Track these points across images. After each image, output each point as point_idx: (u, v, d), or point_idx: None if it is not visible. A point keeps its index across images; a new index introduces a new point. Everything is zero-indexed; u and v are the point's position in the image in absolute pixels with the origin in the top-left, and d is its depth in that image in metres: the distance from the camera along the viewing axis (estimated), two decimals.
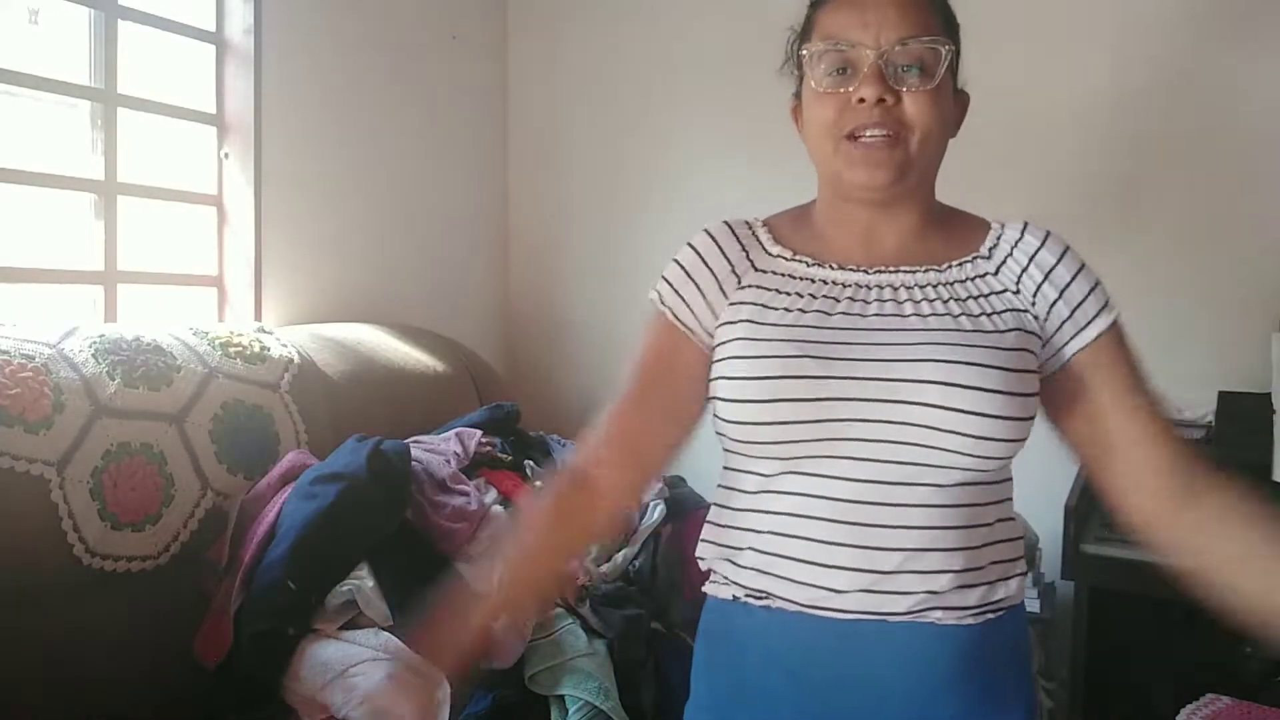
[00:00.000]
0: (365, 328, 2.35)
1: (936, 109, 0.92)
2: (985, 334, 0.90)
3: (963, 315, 0.92)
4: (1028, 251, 0.97)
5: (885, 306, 0.93)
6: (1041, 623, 2.02)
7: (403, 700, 1.09)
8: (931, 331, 0.90)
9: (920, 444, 0.87)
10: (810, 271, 0.98)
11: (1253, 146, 2.14)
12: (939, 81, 0.92)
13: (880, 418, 0.87)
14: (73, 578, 1.53)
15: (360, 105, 2.58)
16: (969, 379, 0.87)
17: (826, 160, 0.96)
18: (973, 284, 0.96)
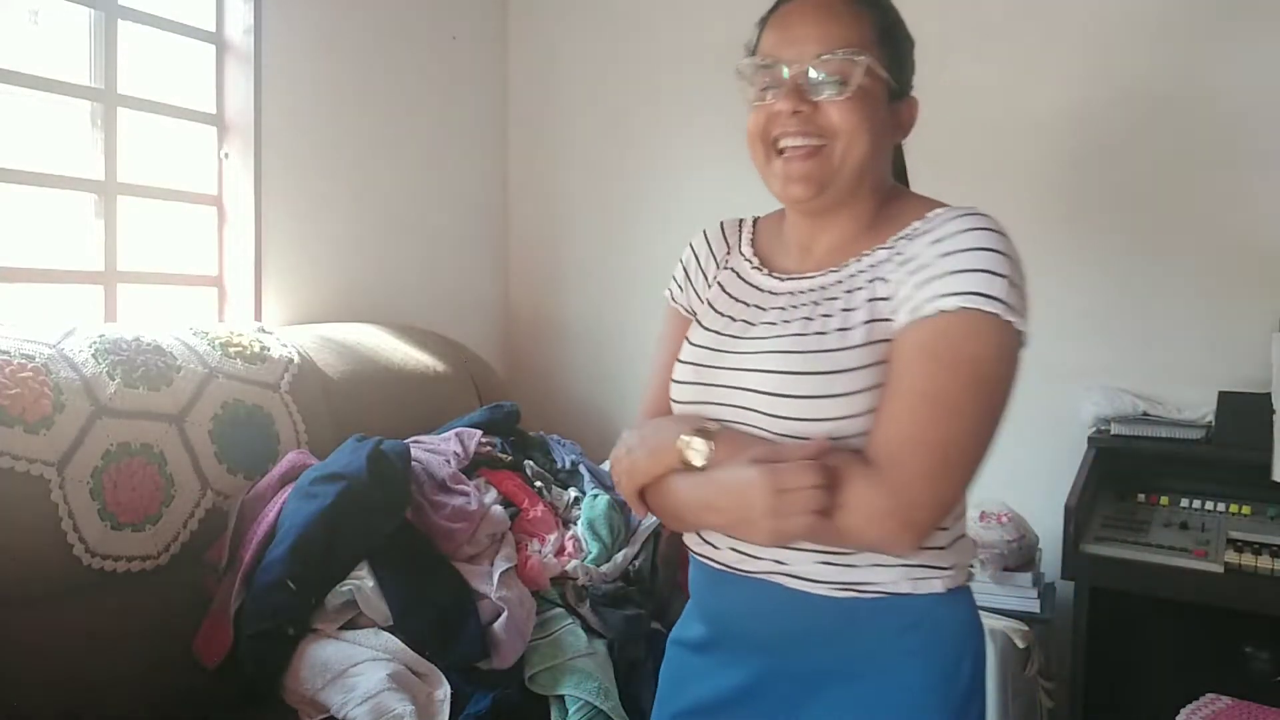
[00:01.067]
0: (365, 328, 2.35)
1: (856, 115, 0.96)
2: (816, 336, 0.96)
3: (819, 317, 0.97)
4: (923, 237, 0.95)
5: (769, 314, 1.03)
6: (1041, 623, 2.02)
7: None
8: (771, 340, 0.99)
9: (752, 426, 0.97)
10: (750, 276, 1.09)
11: (1253, 146, 2.14)
12: (854, 90, 0.96)
13: (726, 401, 1.00)
14: (73, 578, 1.53)
15: (360, 105, 2.58)
16: (786, 388, 0.94)
17: (762, 171, 1.03)
18: (855, 278, 0.99)
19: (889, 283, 0.95)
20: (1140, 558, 1.88)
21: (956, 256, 0.91)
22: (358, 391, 2.11)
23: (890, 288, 0.94)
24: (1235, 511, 1.99)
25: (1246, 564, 1.79)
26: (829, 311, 0.97)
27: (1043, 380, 2.35)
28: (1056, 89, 2.34)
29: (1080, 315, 2.32)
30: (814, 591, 0.97)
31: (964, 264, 0.90)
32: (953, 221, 0.94)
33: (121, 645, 1.56)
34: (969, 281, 0.89)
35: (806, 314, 0.99)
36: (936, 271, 0.91)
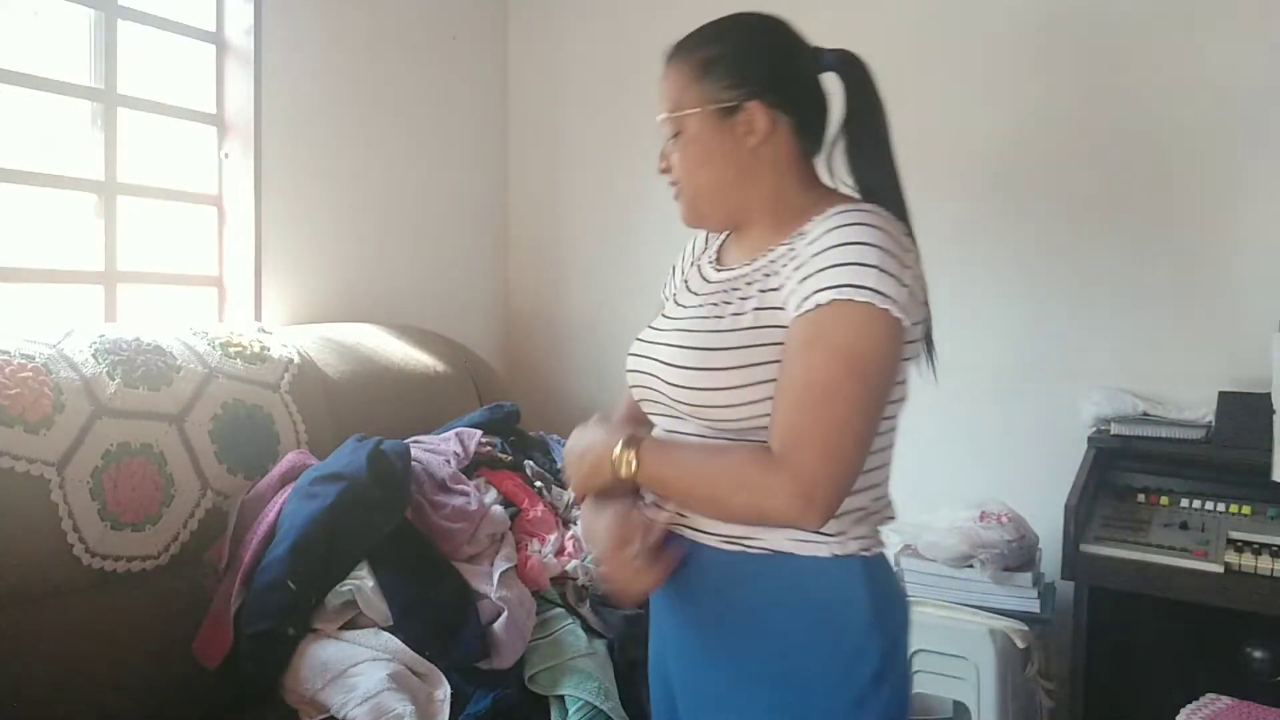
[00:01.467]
0: (365, 328, 2.36)
1: (685, 160, 1.13)
2: (712, 319, 1.07)
3: (721, 304, 1.09)
4: (811, 234, 1.03)
5: (689, 299, 1.16)
6: (1041, 623, 2.02)
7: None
8: (681, 321, 1.12)
9: (658, 400, 1.11)
10: (705, 270, 1.20)
11: (1253, 145, 2.14)
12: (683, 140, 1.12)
13: (642, 382, 1.14)
14: (73, 578, 1.53)
15: (360, 105, 2.58)
16: (671, 358, 1.08)
17: None
18: (756, 269, 1.09)
19: (779, 276, 1.04)
20: (1140, 558, 1.88)
21: (827, 253, 0.99)
22: (358, 391, 2.11)
23: (779, 280, 1.04)
24: (1235, 511, 1.99)
25: (1246, 564, 1.79)
26: (730, 300, 1.08)
27: (1043, 380, 2.35)
28: (1055, 87, 2.34)
29: (1080, 315, 2.32)
30: (706, 543, 1.07)
31: (834, 259, 0.98)
32: (829, 219, 1.02)
33: (121, 645, 1.56)
34: (839, 275, 0.97)
35: (714, 301, 1.10)
36: (811, 269, 1.00)
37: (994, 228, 2.40)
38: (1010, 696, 1.97)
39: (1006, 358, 2.39)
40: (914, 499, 2.34)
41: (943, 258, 2.57)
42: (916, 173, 2.55)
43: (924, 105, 2.45)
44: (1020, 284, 2.38)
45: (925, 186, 2.45)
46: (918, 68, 2.45)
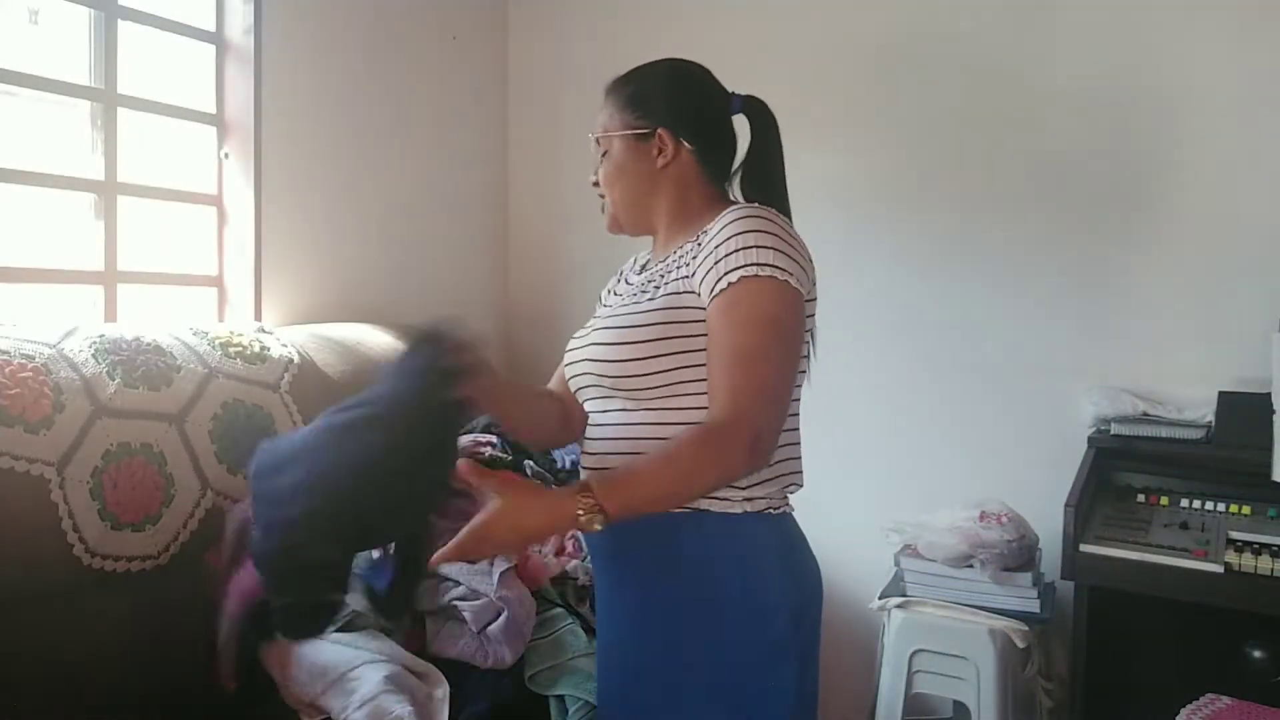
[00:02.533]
0: (365, 328, 2.35)
1: (609, 175, 1.36)
2: (636, 302, 1.25)
3: (640, 291, 1.27)
4: (712, 230, 1.21)
5: (615, 300, 1.36)
6: (1041, 623, 2.02)
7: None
8: (608, 316, 1.28)
9: (588, 374, 1.27)
10: (628, 278, 1.40)
11: (1253, 146, 2.14)
12: (608, 158, 1.36)
13: (582, 371, 1.29)
14: (73, 578, 1.53)
15: (360, 105, 2.58)
16: (608, 338, 1.23)
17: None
18: (668, 264, 1.27)
19: (689, 265, 1.22)
20: (1140, 558, 1.88)
21: (730, 240, 1.17)
22: (357, 391, 2.09)
23: (689, 270, 1.21)
24: (1235, 511, 1.99)
25: (1246, 564, 1.79)
26: (648, 291, 1.26)
27: (1043, 380, 2.35)
28: (1049, 86, 2.34)
29: (1080, 315, 2.32)
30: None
31: (737, 244, 1.16)
32: (725, 216, 1.21)
33: (121, 645, 1.56)
34: (744, 256, 1.15)
35: (635, 296, 1.28)
36: (718, 256, 1.17)
37: (994, 227, 2.40)
38: (1010, 696, 1.97)
39: (1006, 358, 2.39)
40: (914, 499, 2.36)
41: (942, 257, 2.59)
42: (917, 171, 2.55)
43: (923, 103, 2.46)
44: (1020, 284, 2.38)
45: (925, 185, 2.46)
46: (916, 61, 2.45)
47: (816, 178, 2.45)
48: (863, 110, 2.54)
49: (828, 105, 2.55)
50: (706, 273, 1.18)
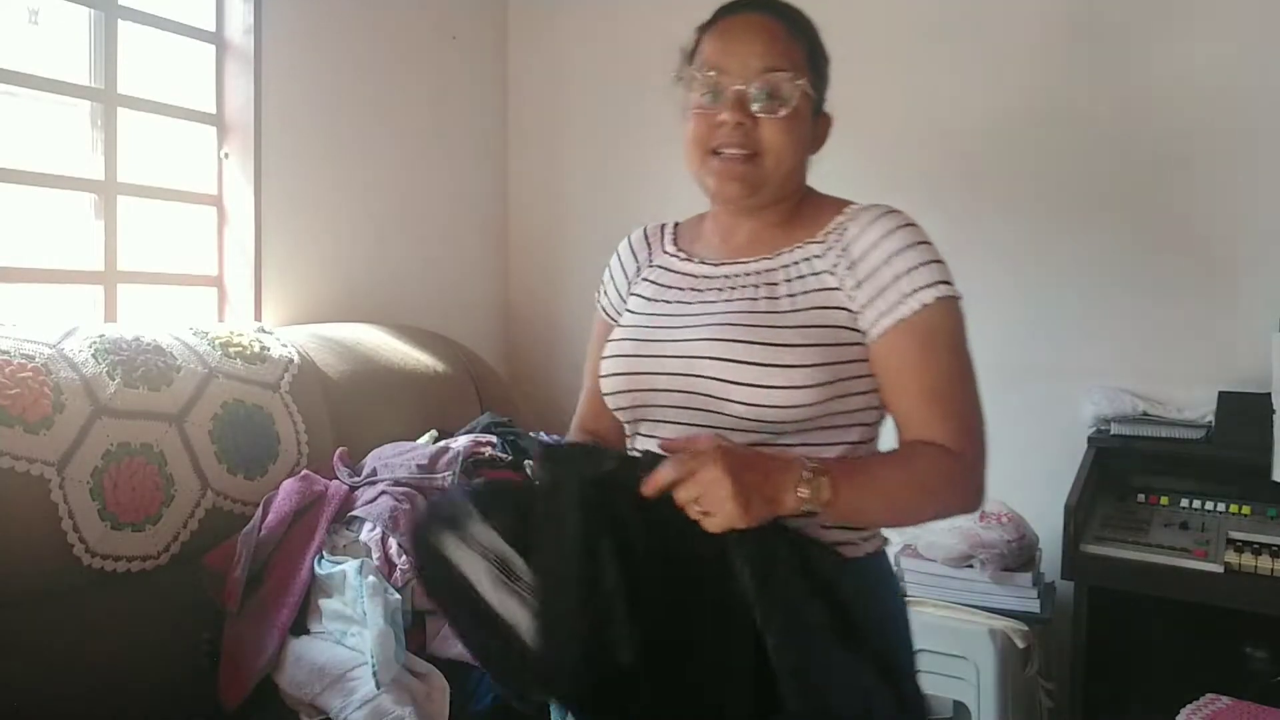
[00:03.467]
0: (365, 328, 2.35)
1: (787, 134, 1.07)
2: (769, 314, 1.03)
3: (763, 298, 1.06)
4: (853, 233, 1.06)
5: (708, 295, 1.10)
6: (1041, 623, 2.02)
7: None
8: (722, 314, 1.06)
9: (705, 409, 1.03)
10: (682, 267, 1.17)
11: (1254, 146, 2.14)
12: (791, 109, 1.06)
13: (673, 387, 1.05)
14: (73, 578, 1.53)
15: (360, 105, 2.58)
16: (730, 354, 1.01)
17: (696, 170, 1.11)
18: (795, 267, 1.07)
19: (835, 275, 1.04)
20: (1140, 558, 1.88)
21: (904, 255, 1.02)
22: (358, 391, 2.11)
23: (837, 279, 1.04)
24: (1235, 511, 1.99)
25: (1246, 564, 1.79)
26: (773, 294, 1.06)
27: (1043, 380, 2.35)
28: (1053, 85, 2.34)
29: (1080, 315, 2.32)
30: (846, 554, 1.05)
31: (914, 260, 1.02)
32: (880, 221, 1.05)
33: (121, 645, 1.56)
34: (927, 274, 1.01)
35: (749, 294, 1.07)
36: (896, 271, 1.02)
37: (993, 226, 2.40)
38: (1010, 696, 1.97)
39: (1006, 357, 2.39)
40: None
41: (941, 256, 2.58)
42: (916, 170, 2.55)
43: (923, 99, 2.45)
44: (1020, 283, 2.38)
45: (924, 184, 2.46)
46: (916, 59, 2.45)
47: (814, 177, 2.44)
48: (861, 109, 2.54)
49: None
50: (881, 290, 1.02)
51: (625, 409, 1.11)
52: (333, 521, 1.74)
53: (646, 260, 1.22)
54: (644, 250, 1.23)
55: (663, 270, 1.18)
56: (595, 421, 1.24)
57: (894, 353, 1.02)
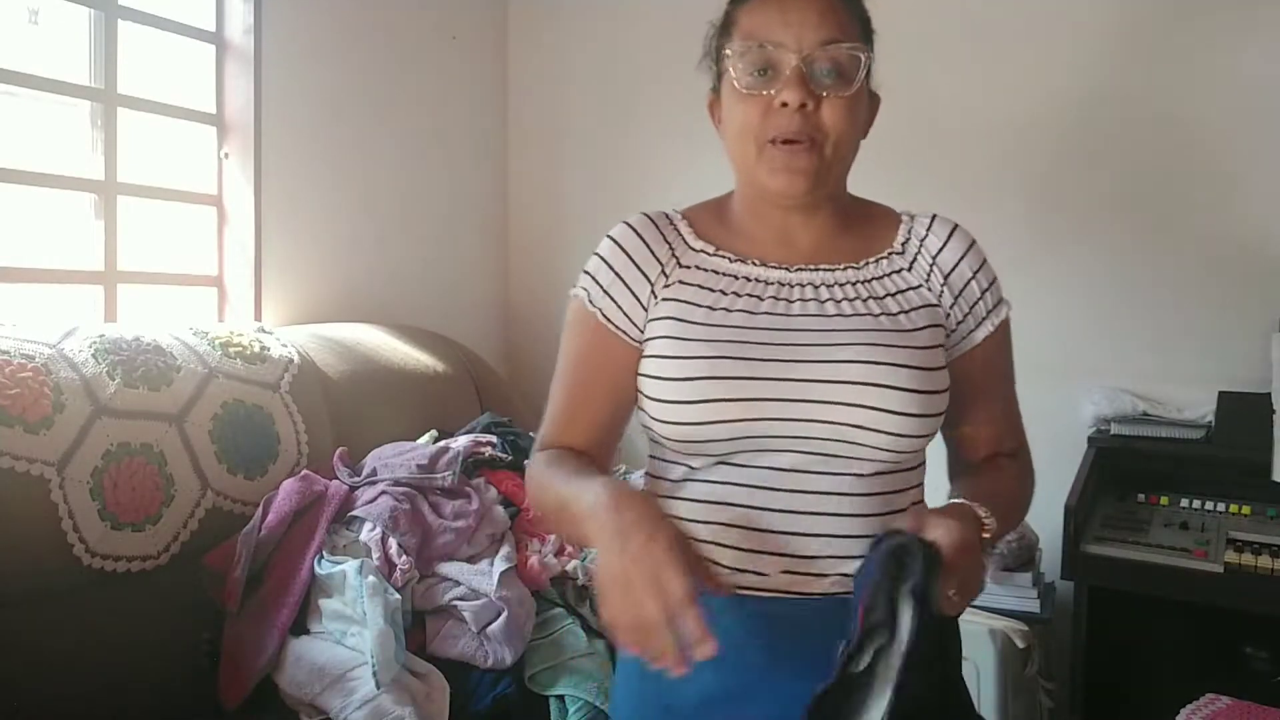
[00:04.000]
0: (365, 328, 2.35)
1: (852, 116, 0.95)
2: (902, 333, 0.94)
3: (882, 314, 0.95)
4: (936, 246, 1.01)
5: (809, 305, 0.96)
6: (1041, 623, 2.02)
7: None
8: (853, 331, 0.93)
9: (838, 439, 0.91)
10: (733, 268, 0.99)
11: (1254, 146, 2.14)
12: (857, 88, 0.94)
13: (802, 416, 0.90)
14: (73, 578, 1.53)
15: (360, 105, 2.58)
16: (886, 379, 0.90)
17: (747, 163, 0.97)
18: (889, 280, 0.99)
19: (932, 291, 1.00)
20: (1140, 558, 1.87)
21: (985, 270, 1.02)
22: (358, 391, 2.11)
23: (934, 295, 1.00)
24: (1235, 511, 1.99)
25: (1246, 564, 1.79)
26: (887, 310, 0.96)
27: (1043, 380, 2.34)
28: (1051, 87, 2.34)
29: (1080, 315, 2.32)
30: (814, 592, 0.92)
31: (992, 274, 1.03)
32: (960, 234, 1.03)
33: (121, 645, 1.56)
34: (999, 289, 1.03)
35: (861, 309, 0.95)
36: (982, 286, 1.01)
37: (993, 227, 2.39)
38: (1010, 696, 1.97)
39: None
40: None
41: None
42: (916, 169, 2.55)
43: (924, 99, 2.45)
44: (1020, 284, 2.37)
45: (924, 183, 2.46)
46: (919, 58, 2.45)
47: None
48: None
49: None
50: (973, 305, 1.00)
51: (716, 441, 0.92)
52: (333, 521, 1.74)
53: (670, 257, 1.01)
54: (662, 246, 1.02)
55: (707, 273, 0.99)
56: (582, 441, 1.02)
57: (979, 367, 1.01)
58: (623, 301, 1.01)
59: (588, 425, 1.02)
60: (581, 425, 1.02)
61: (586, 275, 1.04)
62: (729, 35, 0.99)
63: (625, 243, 1.03)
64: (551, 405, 1.04)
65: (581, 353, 1.02)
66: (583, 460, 1.00)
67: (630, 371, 0.99)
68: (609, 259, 1.03)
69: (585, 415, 1.02)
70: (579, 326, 1.03)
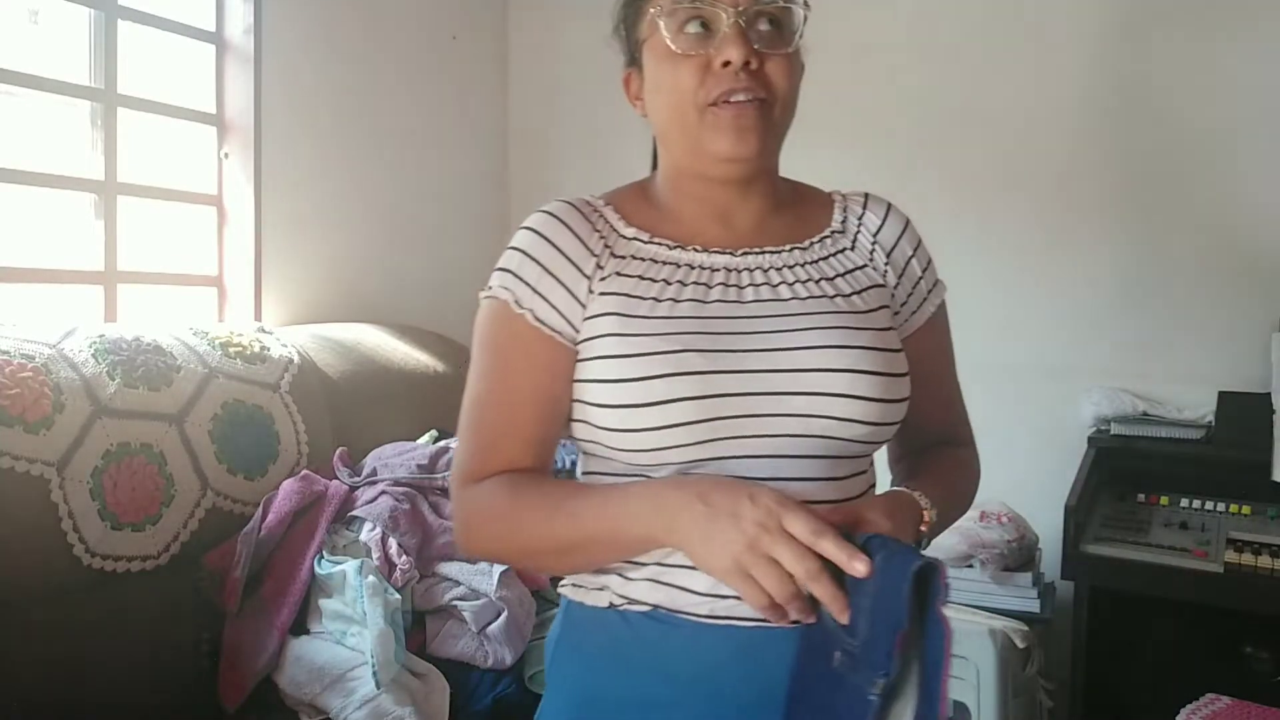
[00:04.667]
0: (365, 328, 2.35)
1: (794, 75, 0.88)
2: (859, 314, 0.89)
3: (837, 296, 0.90)
4: (875, 224, 0.98)
5: (761, 291, 0.89)
6: (1041, 623, 2.02)
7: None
8: (811, 315, 0.87)
9: (809, 434, 0.84)
10: (673, 255, 0.91)
11: (1253, 146, 2.14)
12: (796, 45, 0.88)
13: (771, 410, 0.83)
14: (73, 578, 1.53)
15: (360, 105, 2.58)
16: (853, 363, 0.85)
17: (685, 131, 0.88)
18: (836, 260, 0.94)
19: (877, 271, 0.96)
20: (1140, 558, 1.87)
21: (922, 249, 0.99)
22: (358, 391, 2.11)
23: (880, 275, 0.96)
24: (1235, 511, 1.99)
25: (1246, 564, 1.79)
26: (840, 291, 0.90)
27: (1043, 380, 2.35)
28: (1052, 88, 2.34)
29: (1080, 315, 2.32)
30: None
31: (927, 255, 1.00)
32: (896, 212, 0.99)
33: (121, 645, 1.56)
34: (935, 270, 1.00)
35: (816, 291, 0.89)
36: (922, 265, 0.99)
37: (993, 226, 2.40)
38: (1010, 696, 1.97)
39: (1006, 358, 2.39)
40: None
41: (941, 256, 2.58)
42: (916, 168, 2.55)
43: (924, 98, 2.45)
44: (1020, 284, 2.38)
45: (925, 183, 2.46)
46: (919, 57, 2.45)
47: (812, 175, 2.44)
48: (859, 107, 2.54)
49: (827, 100, 2.55)
50: (915, 284, 0.97)
51: (679, 446, 0.82)
52: (333, 521, 1.74)
53: (603, 248, 0.90)
54: (592, 235, 0.91)
55: (645, 262, 0.90)
56: (516, 465, 0.89)
57: (924, 348, 0.96)
58: (556, 300, 0.88)
59: (522, 445, 0.89)
60: (514, 446, 0.89)
61: (506, 273, 0.90)
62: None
63: (551, 233, 0.90)
64: (472, 428, 0.92)
65: (509, 361, 0.90)
66: (548, 478, 0.90)
67: (565, 379, 0.88)
68: (533, 253, 0.89)
69: (519, 434, 0.89)
70: (502, 332, 0.90)
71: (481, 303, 0.92)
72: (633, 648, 0.86)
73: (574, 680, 0.91)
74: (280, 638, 1.59)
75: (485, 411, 0.91)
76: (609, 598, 0.87)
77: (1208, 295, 2.19)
